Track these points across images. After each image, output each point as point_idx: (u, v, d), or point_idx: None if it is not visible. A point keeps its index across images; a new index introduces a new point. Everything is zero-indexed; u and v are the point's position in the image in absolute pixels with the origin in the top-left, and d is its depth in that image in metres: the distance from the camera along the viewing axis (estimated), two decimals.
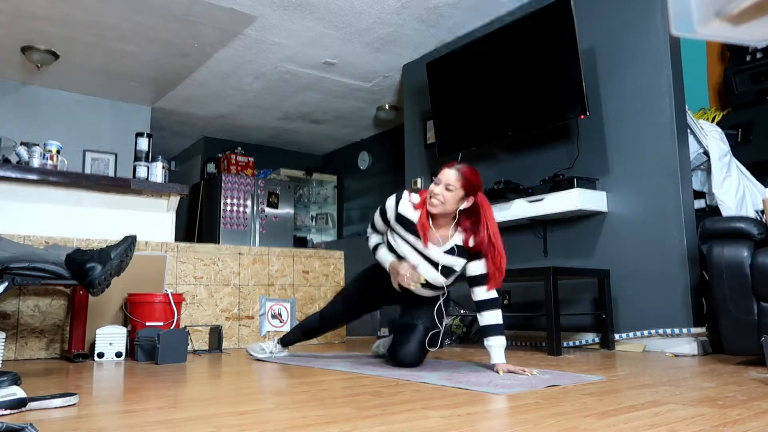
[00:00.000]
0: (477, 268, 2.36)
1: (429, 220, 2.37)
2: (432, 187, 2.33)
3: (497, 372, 2.21)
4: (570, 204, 3.37)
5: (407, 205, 2.41)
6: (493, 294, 2.33)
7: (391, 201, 2.45)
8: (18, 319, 3.07)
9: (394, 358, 2.48)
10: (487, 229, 2.30)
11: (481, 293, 2.34)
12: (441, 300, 2.54)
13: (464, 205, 2.30)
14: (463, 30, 4.48)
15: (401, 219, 2.42)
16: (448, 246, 2.37)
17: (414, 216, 2.38)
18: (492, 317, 2.31)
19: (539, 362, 2.64)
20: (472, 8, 4.17)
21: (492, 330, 2.29)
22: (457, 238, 2.37)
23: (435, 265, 2.39)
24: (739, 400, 1.61)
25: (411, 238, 2.41)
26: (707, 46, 4.10)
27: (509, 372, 2.17)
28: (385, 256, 2.51)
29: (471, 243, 2.34)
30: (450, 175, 2.30)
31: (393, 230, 2.48)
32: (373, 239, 2.63)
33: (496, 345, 2.28)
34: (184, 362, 2.81)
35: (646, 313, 3.20)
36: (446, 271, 2.39)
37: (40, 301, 3.14)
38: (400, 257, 2.45)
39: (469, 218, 2.35)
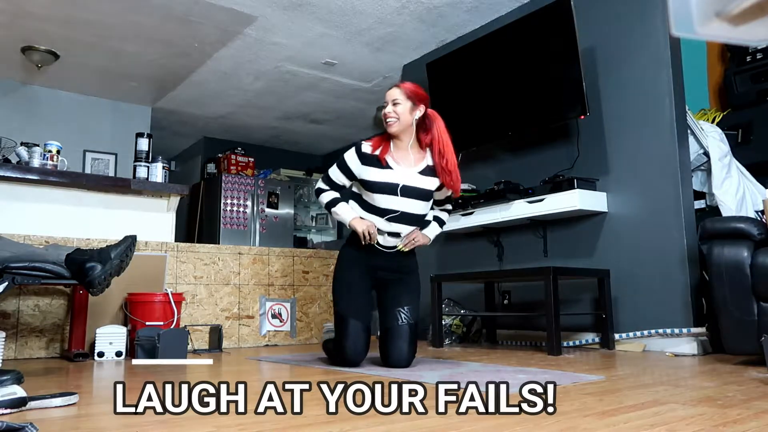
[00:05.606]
0: (440, 194, 2.61)
1: (391, 146, 2.50)
2: (383, 111, 2.48)
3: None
4: (570, 204, 3.37)
5: (367, 147, 2.51)
6: (445, 215, 2.70)
7: (350, 151, 2.54)
8: (18, 319, 3.07)
9: (386, 363, 2.48)
10: (439, 141, 2.47)
11: (438, 210, 2.68)
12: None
13: (418, 114, 2.45)
14: (463, 30, 4.48)
15: (368, 159, 2.49)
16: (421, 166, 2.51)
17: (376, 151, 2.49)
18: (432, 227, 2.64)
19: (539, 362, 2.64)
20: (472, 8, 4.17)
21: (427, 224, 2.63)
22: (429, 159, 2.53)
23: (411, 193, 2.48)
24: (739, 399, 1.61)
25: (384, 174, 2.46)
26: (707, 47, 4.10)
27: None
28: (344, 214, 2.53)
29: (436, 158, 2.50)
30: (392, 91, 2.48)
31: (364, 183, 2.50)
32: (329, 194, 2.59)
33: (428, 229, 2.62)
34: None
35: (646, 312, 3.20)
36: (423, 194, 2.50)
37: (40, 301, 3.14)
38: (371, 208, 2.50)
39: (427, 135, 2.50)
